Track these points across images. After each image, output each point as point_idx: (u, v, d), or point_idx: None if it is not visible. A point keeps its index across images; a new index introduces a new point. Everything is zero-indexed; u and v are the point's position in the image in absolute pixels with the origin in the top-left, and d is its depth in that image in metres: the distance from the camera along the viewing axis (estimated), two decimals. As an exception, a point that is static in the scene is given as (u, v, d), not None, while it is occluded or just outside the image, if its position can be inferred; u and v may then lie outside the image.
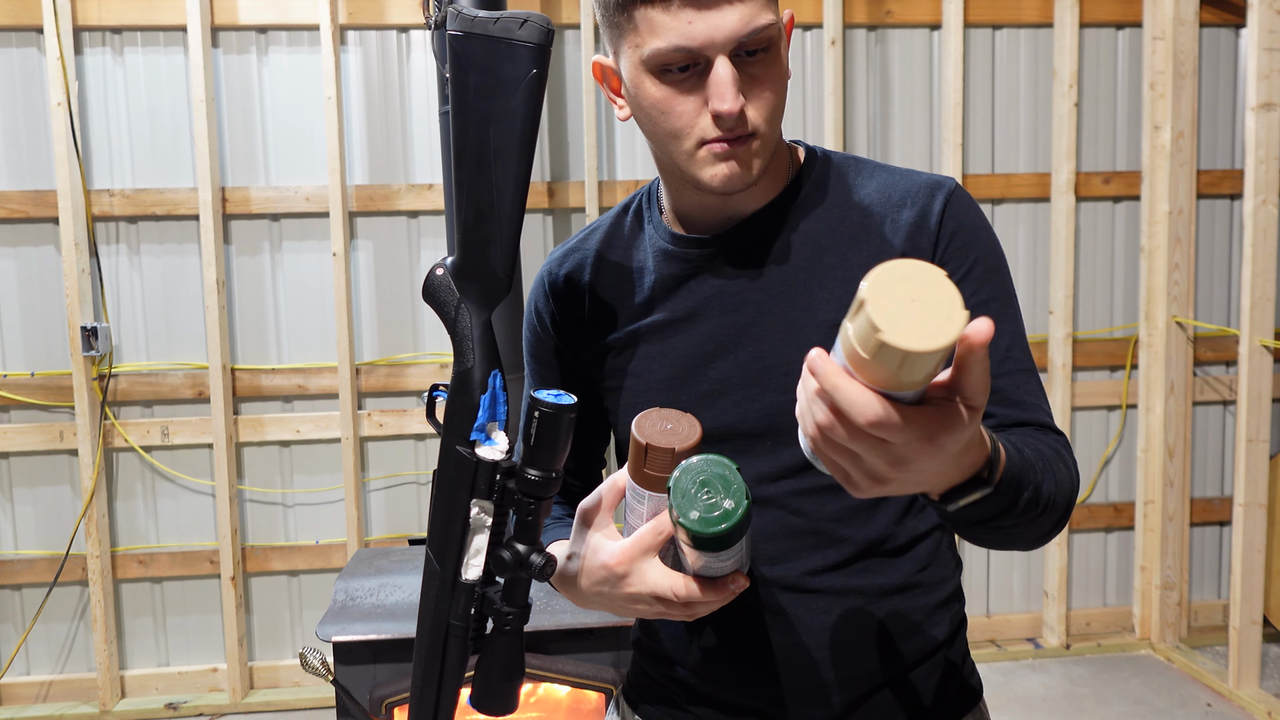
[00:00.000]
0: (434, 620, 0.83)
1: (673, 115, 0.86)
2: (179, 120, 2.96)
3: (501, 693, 0.83)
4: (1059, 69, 3.16)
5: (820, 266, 0.92)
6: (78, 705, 3.02)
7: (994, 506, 0.70)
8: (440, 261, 0.84)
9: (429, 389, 0.86)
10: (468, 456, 0.82)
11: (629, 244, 1.01)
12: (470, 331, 0.83)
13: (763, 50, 0.84)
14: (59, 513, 3.01)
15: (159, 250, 2.99)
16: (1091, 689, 3.04)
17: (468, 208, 0.81)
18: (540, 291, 1.04)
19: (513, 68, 0.79)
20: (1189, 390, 3.26)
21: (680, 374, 0.94)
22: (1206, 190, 3.26)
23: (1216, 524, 3.40)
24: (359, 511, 3.05)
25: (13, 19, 2.86)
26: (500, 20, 0.79)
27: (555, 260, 1.05)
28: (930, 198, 0.91)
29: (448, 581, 0.82)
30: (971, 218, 0.92)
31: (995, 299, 0.90)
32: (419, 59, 3.02)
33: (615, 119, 3.08)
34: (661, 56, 0.83)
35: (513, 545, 0.81)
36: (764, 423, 0.91)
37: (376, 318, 3.07)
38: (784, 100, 0.88)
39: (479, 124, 0.80)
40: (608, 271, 1.00)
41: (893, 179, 0.94)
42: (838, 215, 0.93)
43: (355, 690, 2.07)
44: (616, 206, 1.05)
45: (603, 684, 2.10)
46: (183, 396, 3.01)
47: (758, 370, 0.92)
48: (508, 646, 0.83)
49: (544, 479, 0.80)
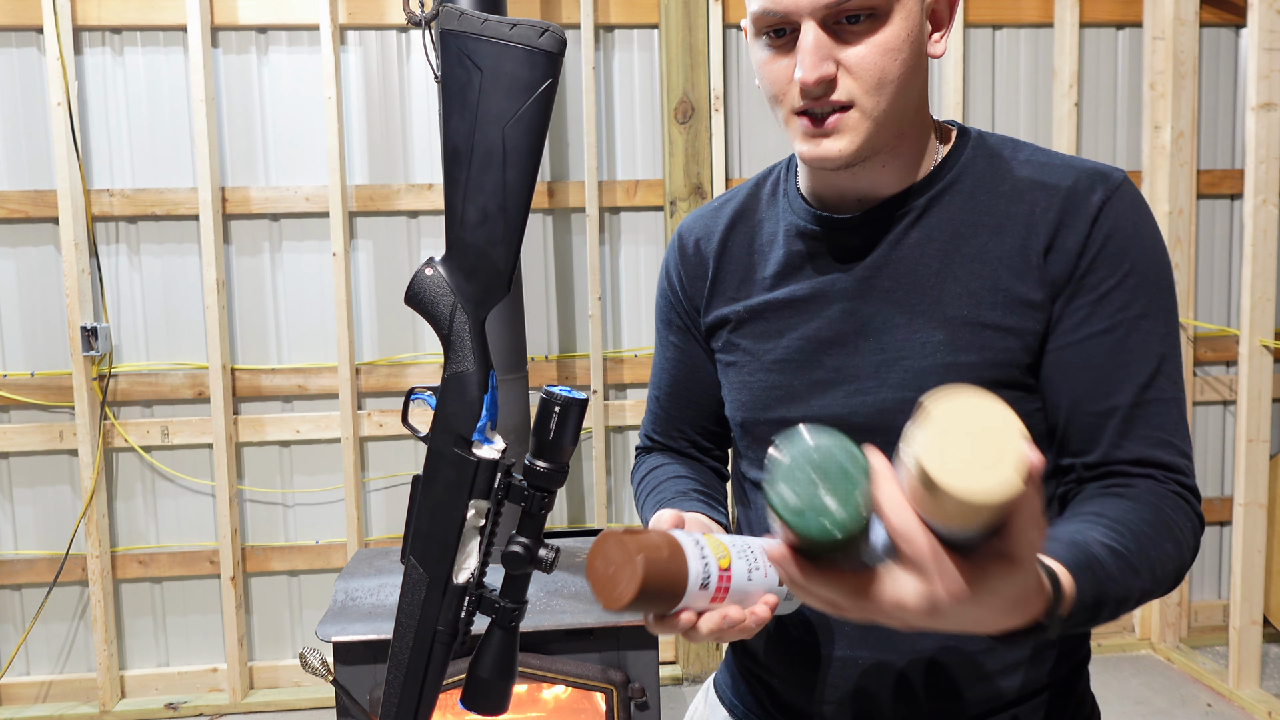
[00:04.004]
0: (419, 628, 0.82)
1: (769, 80, 0.83)
2: (179, 120, 2.96)
3: (495, 691, 0.83)
4: (1059, 69, 3.16)
5: (956, 257, 0.85)
6: (78, 705, 3.02)
7: (1063, 633, 0.67)
8: (429, 261, 0.83)
9: (407, 393, 0.85)
10: (467, 458, 0.81)
11: (763, 215, 0.97)
12: (467, 332, 0.83)
13: (867, 16, 0.78)
14: (59, 513, 3.01)
15: (159, 250, 2.99)
16: (1092, 689, 3.04)
17: (469, 207, 0.81)
18: (673, 255, 1.02)
19: (530, 73, 0.80)
20: (1189, 390, 3.26)
21: (796, 358, 0.90)
22: (1206, 190, 3.26)
23: (1216, 524, 3.40)
24: (359, 511, 3.05)
25: (13, 19, 2.86)
26: (517, 26, 0.79)
27: (689, 224, 1.02)
28: (1089, 191, 0.82)
29: (438, 587, 0.82)
30: (1133, 219, 0.82)
31: (1148, 315, 0.80)
32: (419, 59, 3.02)
33: (615, 119, 3.08)
34: (757, 20, 0.81)
35: (519, 540, 0.81)
36: (876, 418, 0.86)
37: (376, 318, 3.07)
38: (905, 75, 0.80)
39: (487, 125, 0.80)
40: (737, 241, 0.97)
41: (1051, 163, 0.86)
42: (984, 202, 0.86)
43: (355, 690, 2.07)
44: (755, 175, 1.01)
45: (603, 684, 2.10)
46: (183, 396, 3.01)
47: (877, 363, 0.86)
48: (504, 644, 0.83)
49: (553, 471, 0.80)
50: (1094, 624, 0.70)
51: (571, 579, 2.22)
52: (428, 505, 0.82)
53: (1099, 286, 0.80)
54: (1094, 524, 0.75)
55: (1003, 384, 0.82)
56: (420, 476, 0.82)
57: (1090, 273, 0.80)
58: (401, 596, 0.83)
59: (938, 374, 0.83)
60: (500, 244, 0.81)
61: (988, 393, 0.51)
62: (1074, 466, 0.84)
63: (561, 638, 2.11)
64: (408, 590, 0.82)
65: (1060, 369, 0.81)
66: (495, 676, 0.83)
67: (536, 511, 0.81)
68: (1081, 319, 0.80)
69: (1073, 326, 0.81)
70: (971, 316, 0.83)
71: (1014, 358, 0.82)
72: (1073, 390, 0.81)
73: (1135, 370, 0.80)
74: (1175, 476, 0.80)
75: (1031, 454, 0.49)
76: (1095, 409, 0.81)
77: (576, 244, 3.11)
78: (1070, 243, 0.81)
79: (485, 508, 0.83)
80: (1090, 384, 0.80)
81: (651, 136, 3.10)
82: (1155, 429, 0.80)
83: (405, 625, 0.83)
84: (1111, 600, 0.70)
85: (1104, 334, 0.80)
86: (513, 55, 0.80)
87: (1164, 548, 0.75)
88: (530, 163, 0.81)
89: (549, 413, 0.79)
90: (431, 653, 0.82)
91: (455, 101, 0.81)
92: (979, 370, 0.82)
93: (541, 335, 3.12)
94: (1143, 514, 0.77)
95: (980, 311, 0.82)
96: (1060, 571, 0.66)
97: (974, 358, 0.82)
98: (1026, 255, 0.82)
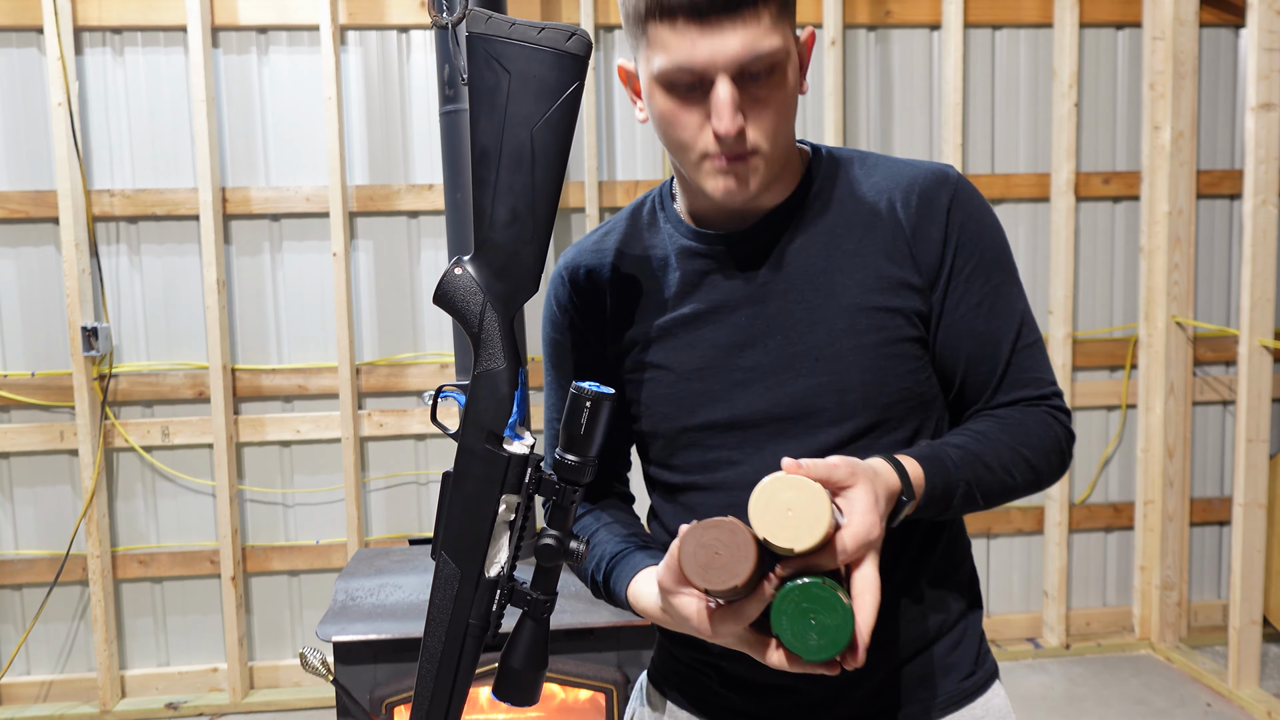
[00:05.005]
0: (452, 622, 0.84)
1: (678, 128, 0.89)
2: (179, 120, 2.96)
3: (526, 682, 0.84)
4: (1059, 69, 3.17)
5: (838, 254, 0.96)
6: (78, 705, 3.02)
7: (928, 512, 0.89)
8: (457, 261, 0.85)
9: (436, 391, 0.87)
10: (499, 454, 0.83)
11: (648, 241, 1.03)
12: (497, 330, 0.84)
13: (767, 73, 0.87)
14: (59, 513, 3.01)
15: (159, 250, 2.99)
16: (1091, 689, 3.05)
17: (499, 207, 0.83)
18: (562, 288, 1.06)
19: (559, 76, 0.82)
20: (1189, 390, 3.27)
21: (712, 363, 0.97)
22: (1206, 190, 3.27)
23: (1216, 524, 3.41)
24: (359, 511, 3.05)
25: (13, 19, 2.86)
26: (545, 30, 0.82)
27: (573, 257, 1.07)
28: (938, 188, 0.96)
29: (470, 581, 0.83)
30: (976, 208, 0.97)
31: (1004, 282, 0.98)
32: (419, 59, 3.02)
33: (615, 119, 3.09)
34: (668, 74, 0.87)
35: (550, 533, 0.83)
36: (796, 406, 0.95)
37: (376, 318, 3.07)
38: (790, 119, 0.91)
39: (517, 126, 0.82)
40: (629, 267, 1.03)
41: (896, 168, 0.99)
42: (850, 206, 0.97)
43: (355, 690, 2.07)
44: (626, 208, 1.08)
45: (603, 684, 2.11)
46: (183, 396, 3.01)
47: (789, 356, 0.95)
48: (536, 635, 0.84)
49: (581, 464, 0.82)
50: (953, 506, 0.90)
51: (571, 578, 2.22)
52: (459, 501, 0.83)
53: (964, 269, 0.96)
54: (954, 434, 0.95)
55: (898, 356, 0.95)
56: (450, 473, 0.84)
57: (955, 259, 0.95)
58: (433, 592, 0.84)
59: (846, 356, 0.94)
60: (529, 243, 0.83)
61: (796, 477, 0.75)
62: (966, 415, 1.02)
63: (561, 638, 2.11)
64: (440, 585, 0.84)
65: (952, 342, 0.97)
66: (527, 667, 0.84)
67: (566, 504, 0.83)
68: (958, 299, 0.96)
69: (953, 305, 0.96)
70: (864, 302, 0.94)
71: (904, 333, 0.95)
72: (966, 356, 0.97)
73: (1007, 328, 0.97)
74: (1041, 401, 0.98)
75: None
76: (984, 368, 0.97)
77: (577, 244, 3.11)
78: (933, 234, 0.95)
79: (516, 502, 0.84)
80: (978, 348, 0.97)
81: (652, 136, 3.10)
82: (1025, 371, 0.98)
83: (437, 620, 0.84)
84: (961, 484, 0.90)
85: (978, 306, 0.96)
86: (541, 58, 0.82)
87: (1019, 451, 0.94)
88: (558, 164, 0.83)
89: (580, 408, 0.81)
90: (464, 646, 0.84)
91: (484, 104, 0.83)
92: (879, 347, 0.94)
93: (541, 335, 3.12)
94: (1002, 426, 0.95)
95: (870, 296, 0.94)
96: (909, 463, 0.87)
97: (874, 337, 0.94)
98: (897, 245, 0.95)
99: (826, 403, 0.94)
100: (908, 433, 0.96)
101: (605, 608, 2.13)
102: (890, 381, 0.94)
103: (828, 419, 0.94)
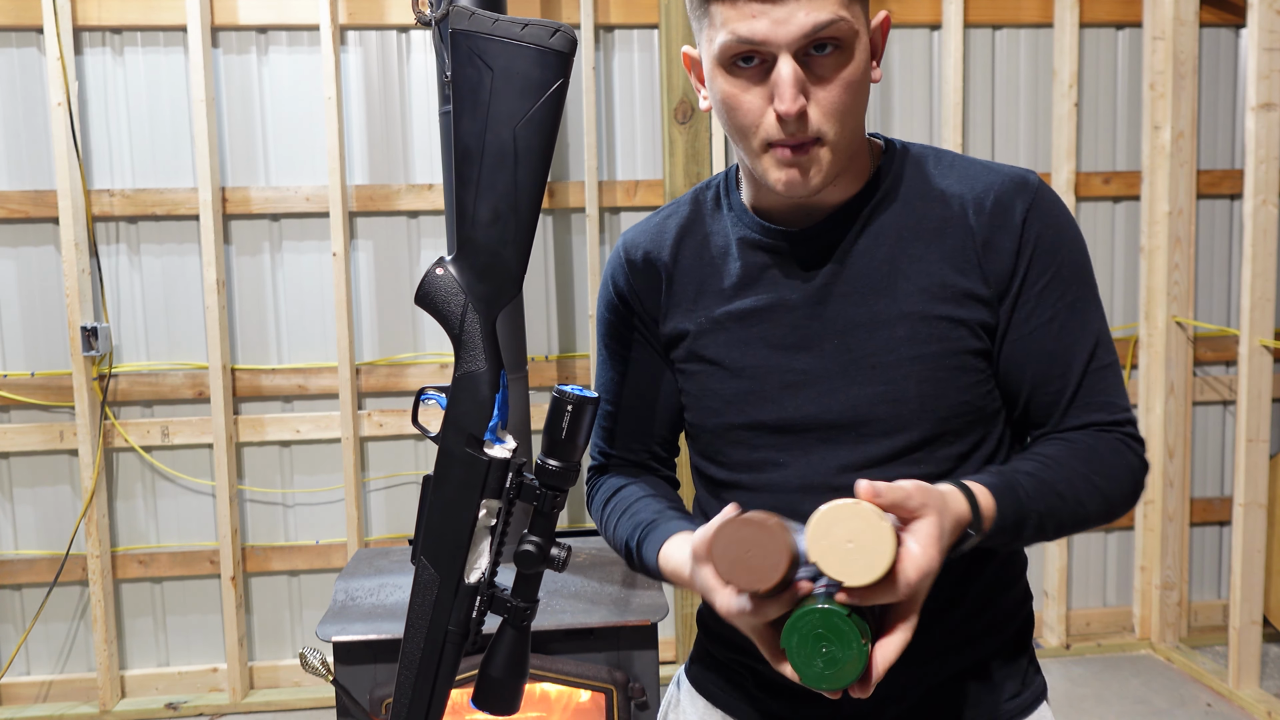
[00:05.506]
0: (431, 628, 0.82)
1: (740, 111, 0.86)
2: (179, 120, 2.96)
3: (507, 691, 0.83)
4: (1059, 69, 3.16)
5: (904, 259, 0.92)
6: (78, 705, 3.02)
7: (995, 542, 0.83)
8: (439, 261, 0.83)
9: (418, 393, 0.85)
10: (479, 457, 0.81)
11: (710, 227, 1.00)
12: (478, 332, 0.83)
13: (834, 48, 0.83)
14: (59, 513, 3.01)
15: (159, 250, 2.99)
16: (1091, 689, 3.05)
17: (481, 206, 0.81)
18: (620, 269, 1.04)
19: (542, 74, 0.80)
20: (1189, 390, 3.26)
21: (764, 363, 0.94)
22: (1206, 190, 3.27)
23: (1216, 524, 3.40)
24: (359, 511, 3.05)
25: (13, 19, 2.86)
26: (528, 26, 0.80)
27: (632, 237, 1.04)
28: (1015, 195, 0.91)
29: (450, 587, 0.81)
30: (1054, 218, 0.92)
31: (1080, 298, 0.92)
32: (419, 59, 3.02)
33: (615, 119, 3.09)
34: (728, 49, 0.83)
35: (531, 539, 0.81)
36: (849, 414, 0.92)
37: (376, 318, 3.07)
38: (859, 105, 0.87)
39: (500, 124, 0.80)
40: (689, 252, 1.00)
41: (974, 170, 0.94)
42: (919, 208, 0.93)
43: (355, 690, 2.07)
44: (690, 191, 1.05)
45: (603, 684, 2.10)
46: (183, 396, 3.01)
47: (844, 362, 0.92)
48: (517, 643, 0.83)
49: (565, 470, 0.81)
50: (1022, 537, 0.85)
51: (571, 579, 2.22)
52: (439, 505, 0.81)
53: (1037, 283, 0.91)
54: (1025, 459, 0.90)
55: (960, 369, 0.90)
56: (431, 477, 0.82)
57: (1028, 272, 0.91)
58: (413, 597, 0.82)
59: (904, 366, 0.90)
60: (512, 243, 0.81)
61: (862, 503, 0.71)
62: (1032, 436, 0.97)
63: (561, 638, 2.11)
64: (419, 591, 0.82)
65: (1018, 359, 0.92)
66: (507, 675, 0.83)
67: (548, 510, 0.81)
68: (1028, 313, 0.91)
69: (1022, 320, 0.91)
70: (927, 311, 0.90)
71: (967, 345, 0.91)
72: (1033, 375, 0.92)
73: (1080, 348, 0.92)
74: (1115, 428, 0.93)
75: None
76: (1052, 389, 0.92)
77: (576, 244, 3.11)
78: (1006, 244, 0.90)
79: (496, 507, 0.83)
80: (1046, 367, 0.92)
81: (651, 136, 3.10)
82: (1098, 394, 0.92)
83: (416, 626, 0.82)
84: (1033, 515, 0.84)
85: (1049, 322, 0.91)
86: (524, 55, 0.80)
87: (1092, 480, 0.88)
88: (541, 162, 0.81)
89: (561, 411, 0.80)
90: (443, 653, 0.82)
91: (467, 101, 0.81)
92: (940, 359, 0.90)
93: (541, 335, 3.12)
94: (1074, 452, 0.90)
95: (934, 305, 0.90)
96: (980, 492, 0.82)
97: (934, 348, 0.90)
98: (965, 254, 0.91)
99: (881, 413, 0.91)
100: (965, 447, 0.92)
101: (605, 607, 2.13)
102: (949, 394, 0.90)
103: (880, 429, 0.91)
